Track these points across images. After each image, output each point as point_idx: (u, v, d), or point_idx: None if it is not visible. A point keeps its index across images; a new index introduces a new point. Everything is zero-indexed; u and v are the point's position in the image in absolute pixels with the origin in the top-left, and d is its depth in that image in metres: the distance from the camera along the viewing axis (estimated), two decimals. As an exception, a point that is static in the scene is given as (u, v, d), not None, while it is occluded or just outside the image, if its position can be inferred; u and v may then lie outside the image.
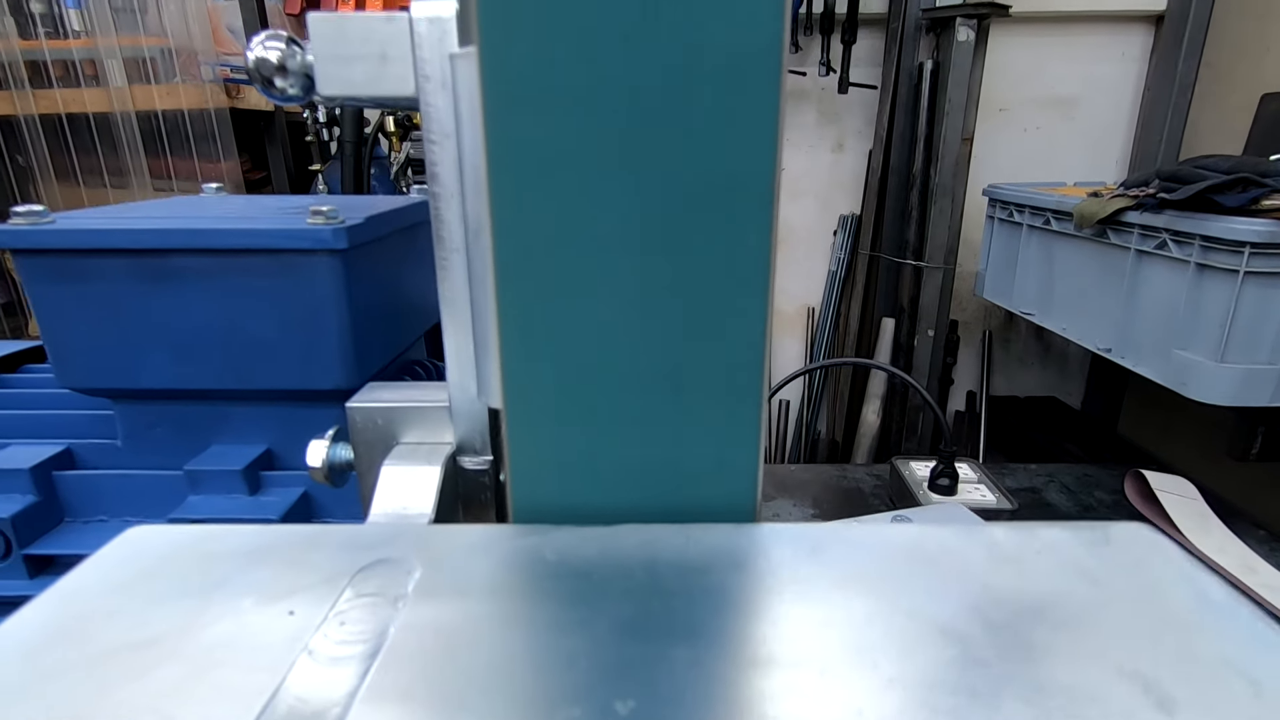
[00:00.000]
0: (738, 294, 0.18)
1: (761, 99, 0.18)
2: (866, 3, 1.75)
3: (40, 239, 0.35)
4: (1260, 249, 0.95)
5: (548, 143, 0.17)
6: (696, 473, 0.19)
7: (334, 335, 0.36)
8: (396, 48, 0.20)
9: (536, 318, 0.18)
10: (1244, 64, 1.63)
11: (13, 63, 1.53)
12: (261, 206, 0.41)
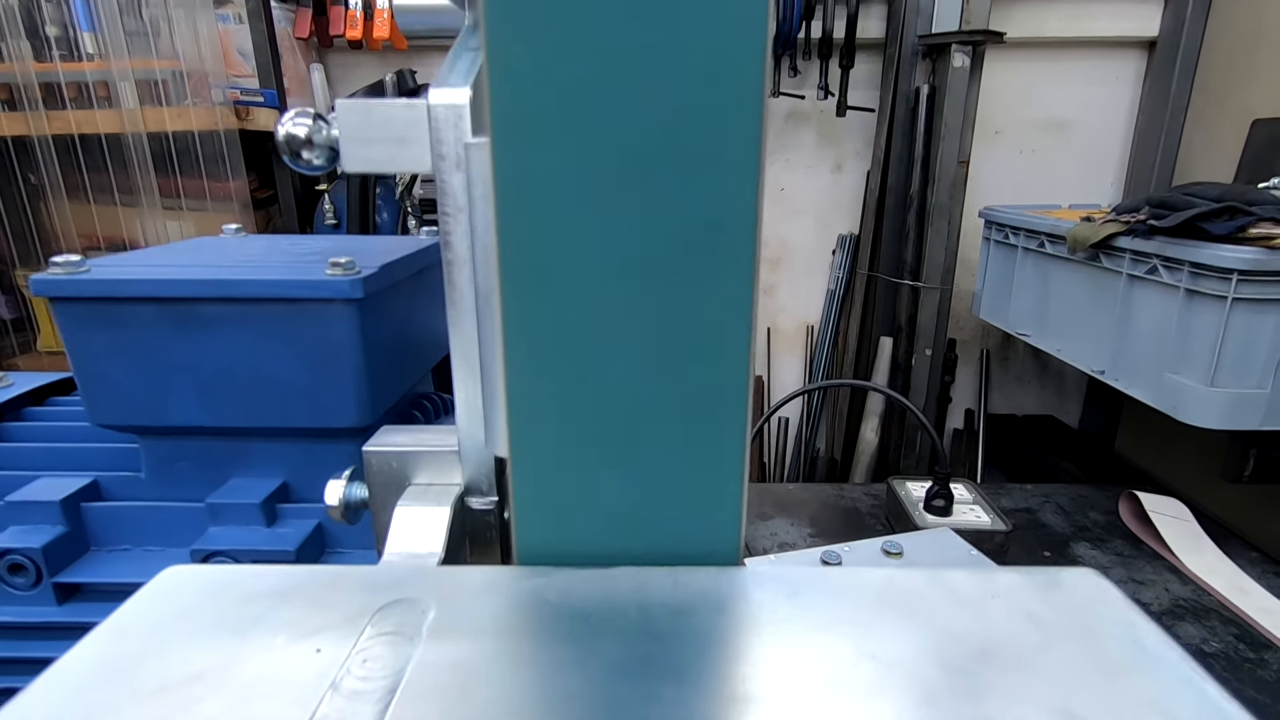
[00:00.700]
0: (723, 360, 0.20)
1: (744, 169, 0.20)
2: (864, 28, 1.78)
3: (76, 288, 0.37)
4: (1247, 276, 0.97)
5: (553, 229, 0.19)
6: (684, 519, 0.20)
7: (349, 378, 0.38)
8: (415, 131, 0.22)
9: (541, 379, 0.19)
10: (1235, 89, 1.66)
11: (28, 84, 1.57)
12: (281, 252, 0.43)
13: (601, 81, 0.18)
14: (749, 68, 0.19)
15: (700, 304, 0.20)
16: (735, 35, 0.18)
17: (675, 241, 0.20)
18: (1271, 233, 0.97)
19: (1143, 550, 1.10)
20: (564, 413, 0.20)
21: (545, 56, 0.18)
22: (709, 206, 0.20)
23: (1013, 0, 1.78)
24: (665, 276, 0.20)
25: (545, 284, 0.19)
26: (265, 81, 1.67)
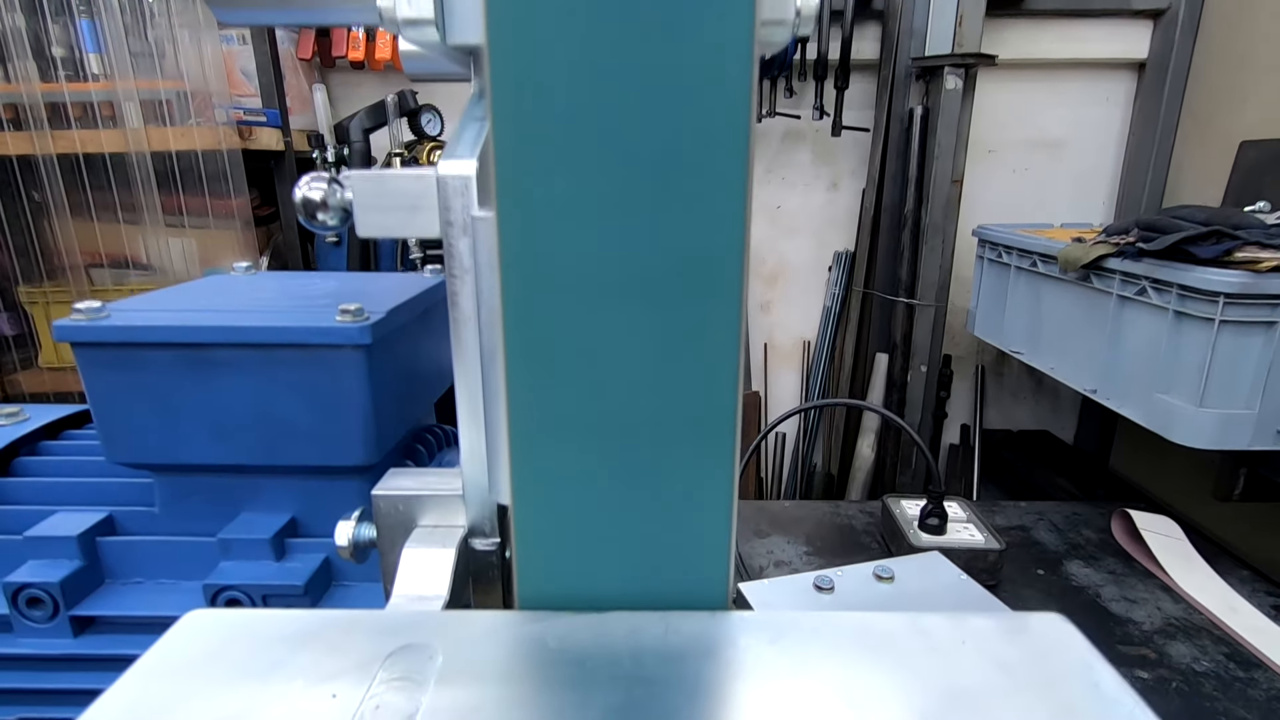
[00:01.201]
0: (710, 426, 0.21)
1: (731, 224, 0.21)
2: (859, 49, 1.81)
3: (97, 334, 0.39)
4: (1234, 299, 0.98)
5: (552, 296, 0.20)
6: (675, 567, 0.22)
7: (357, 419, 0.39)
8: (425, 200, 0.23)
9: (542, 434, 0.21)
10: (1224, 111, 1.69)
11: (33, 104, 1.59)
12: (291, 295, 0.45)
13: (597, 128, 0.20)
14: (736, 113, 0.20)
15: (688, 375, 0.21)
16: (723, 83, 0.20)
17: (668, 298, 0.21)
18: (1257, 256, 0.99)
19: (1135, 568, 1.11)
20: (564, 468, 0.21)
21: (546, 116, 0.20)
22: (702, 273, 0.22)
23: (1005, 22, 1.81)
24: (657, 340, 0.21)
25: (549, 357, 0.21)
26: (268, 101, 1.69)
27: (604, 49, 0.19)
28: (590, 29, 0.19)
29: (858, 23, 1.78)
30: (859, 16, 1.78)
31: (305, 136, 1.80)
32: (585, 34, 0.19)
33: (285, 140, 1.70)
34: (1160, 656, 0.91)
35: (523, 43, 0.19)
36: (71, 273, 1.68)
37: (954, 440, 2.17)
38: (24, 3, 1.59)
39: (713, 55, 0.20)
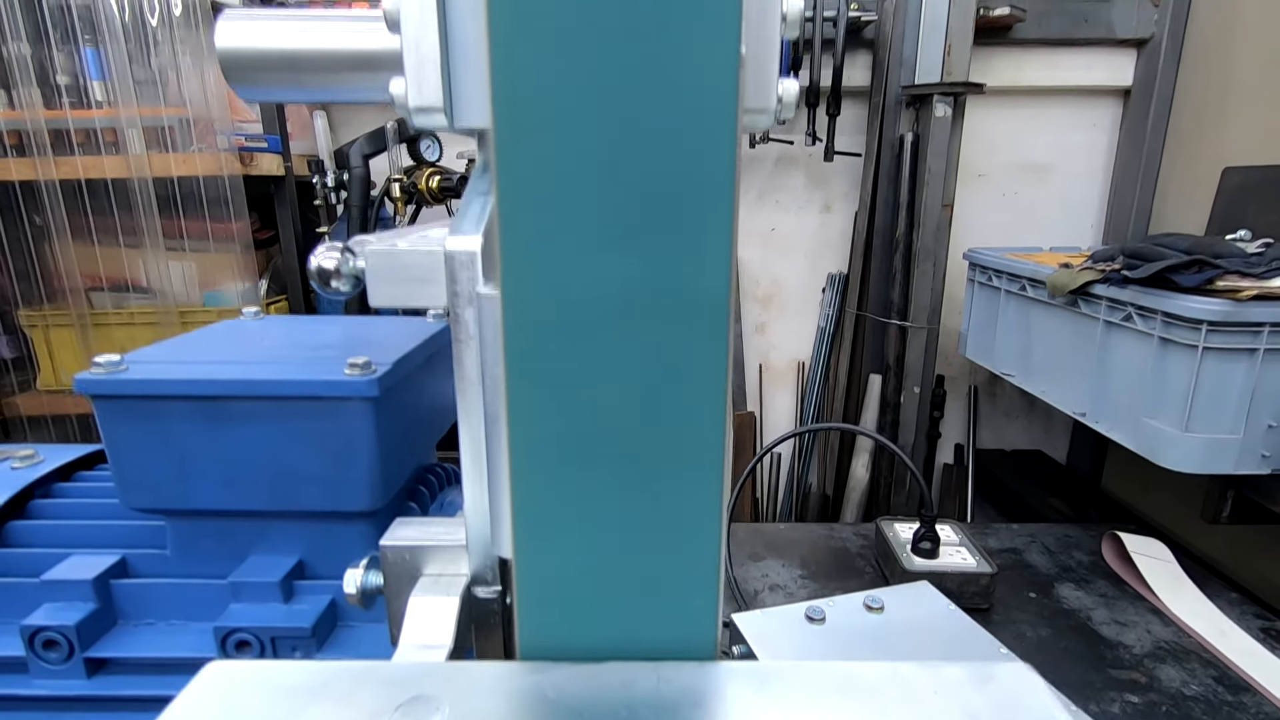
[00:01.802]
0: (698, 486, 0.23)
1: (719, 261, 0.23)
2: (850, 77, 1.85)
3: (116, 387, 0.40)
4: (1216, 326, 1.01)
5: (553, 367, 0.22)
6: (667, 620, 0.23)
7: (364, 466, 0.41)
8: (434, 273, 0.25)
9: (543, 502, 0.22)
10: (1207, 137, 1.72)
11: (37, 131, 1.61)
12: (301, 345, 0.47)
13: (597, 205, 0.22)
14: (721, 193, 0.22)
15: (677, 443, 0.23)
16: (709, 165, 0.22)
17: (660, 338, 0.23)
18: (1238, 285, 1.01)
19: (1126, 591, 1.13)
20: (564, 524, 0.23)
21: (549, 194, 0.22)
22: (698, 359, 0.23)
23: (992, 50, 1.85)
24: (648, 400, 0.23)
25: (551, 423, 0.22)
26: (269, 128, 1.72)
27: (604, 136, 0.21)
28: (591, 116, 0.21)
29: (849, 51, 1.82)
30: (850, 45, 1.82)
31: (305, 161, 1.83)
32: (587, 121, 0.21)
33: (286, 165, 1.72)
34: (1150, 680, 0.92)
35: (527, 129, 0.21)
36: (72, 296, 1.69)
37: (948, 460, 2.19)
38: (30, 31, 1.62)
39: (701, 142, 0.22)
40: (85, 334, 1.70)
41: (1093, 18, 1.82)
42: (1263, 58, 1.56)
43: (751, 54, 0.25)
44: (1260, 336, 1.00)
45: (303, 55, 0.28)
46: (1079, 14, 1.81)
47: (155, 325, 1.70)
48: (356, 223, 1.69)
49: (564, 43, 0.21)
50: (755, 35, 0.24)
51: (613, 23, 0.21)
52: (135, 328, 1.71)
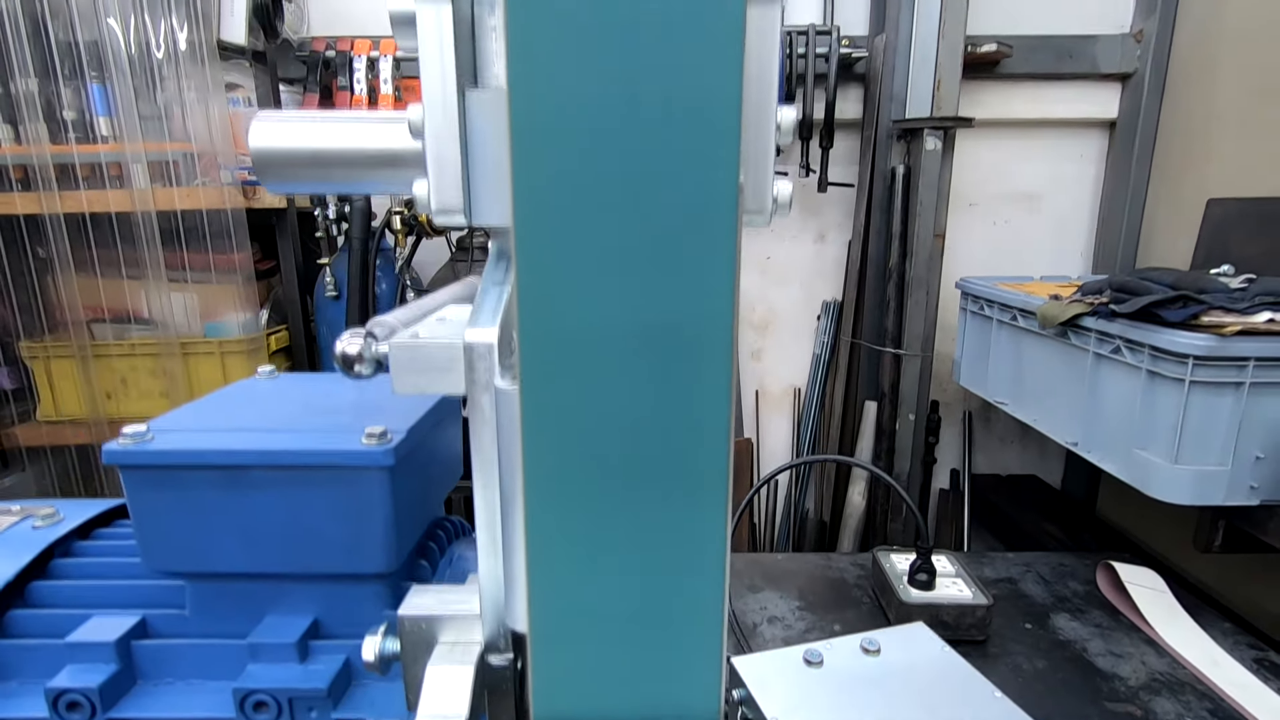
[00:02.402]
0: (701, 578, 0.24)
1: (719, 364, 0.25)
2: (842, 109, 1.89)
3: (143, 458, 0.42)
4: (1202, 361, 1.03)
5: (567, 453, 0.24)
6: (673, 689, 0.25)
7: (379, 530, 0.43)
8: (454, 364, 0.27)
9: (558, 579, 0.24)
10: (1191, 169, 1.76)
11: (43, 165, 1.63)
12: (317, 410, 0.48)
13: (609, 261, 0.23)
14: (721, 317, 0.24)
15: (678, 533, 0.25)
16: (712, 230, 0.24)
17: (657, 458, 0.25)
18: (1222, 321, 1.04)
19: (1120, 621, 1.14)
20: (577, 602, 0.24)
21: (565, 301, 0.23)
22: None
23: (980, 84, 1.89)
24: (653, 488, 0.24)
25: (564, 512, 0.24)
26: (272, 161, 1.74)
27: (617, 236, 0.23)
28: (606, 217, 0.23)
29: (841, 85, 1.86)
30: (841, 79, 1.86)
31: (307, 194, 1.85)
32: (602, 222, 0.23)
33: (287, 198, 1.75)
34: (1146, 713, 0.93)
35: (546, 231, 0.23)
36: (73, 328, 1.71)
37: (944, 485, 2.20)
38: (37, 67, 1.64)
39: (705, 243, 0.23)
40: (86, 365, 1.71)
41: (1077, 53, 1.87)
42: (1242, 94, 1.61)
43: (749, 161, 0.27)
44: (1245, 370, 1.02)
45: (330, 154, 0.30)
46: (1064, 49, 1.86)
47: (156, 356, 1.71)
48: (358, 254, 1.72)
49: (580, 153, 0.23)
50: (752, 144, 0.26)
51: (627, 133, 0.23)
52: (136, 358, 1.72)
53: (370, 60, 1.77)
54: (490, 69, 0.27)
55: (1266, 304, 1.05)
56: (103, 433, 1.75)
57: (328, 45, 1.79)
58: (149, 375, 1.73)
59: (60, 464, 1.81)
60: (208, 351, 1.71)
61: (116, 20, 1.60)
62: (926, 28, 1.68)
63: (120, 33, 1.60)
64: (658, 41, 0.22)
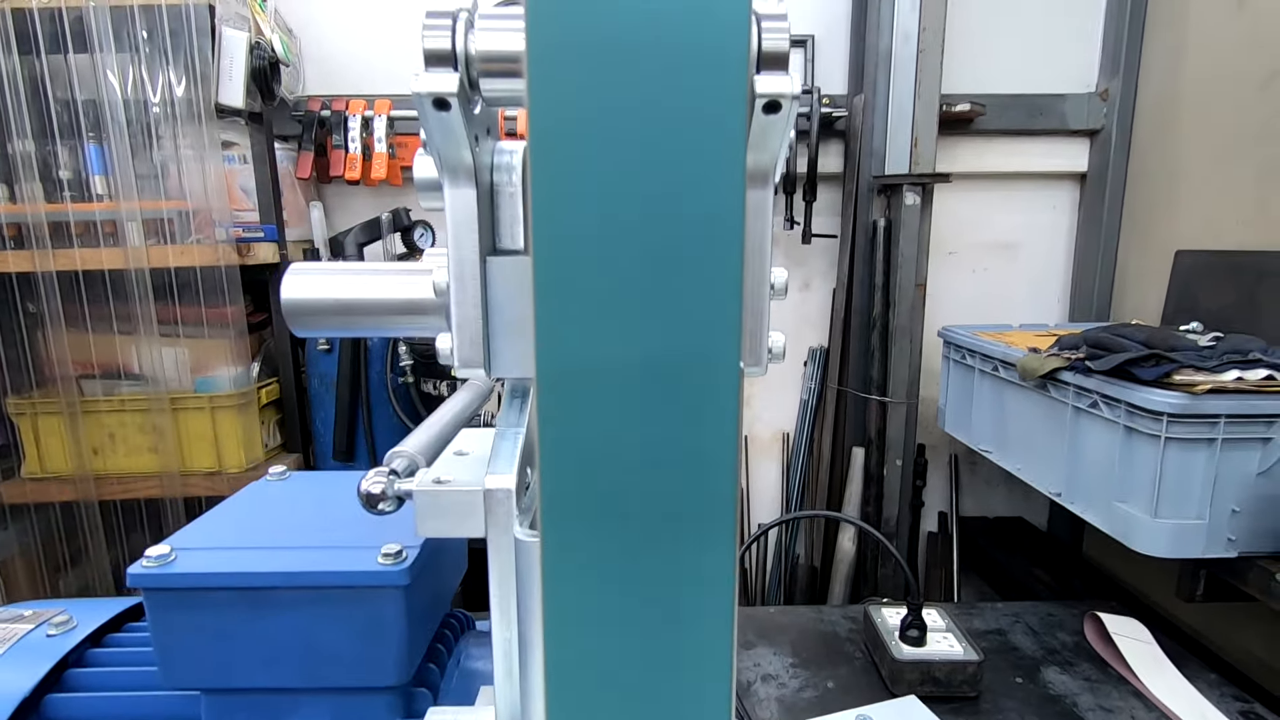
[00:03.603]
0: (706, 683, 0.26)
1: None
2: (824, 163, 1.95)
3: (167, 580, 0.43)
4: (1176, 418, 1.06)
5: (586, 601, 0.25)
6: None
7: (393, 645, 0.44)
8: (474, 510, 0.29)
9: (576, 694, 0.26)
10: (1160, 222, 1.83)
11: (37, 224, 1.64)
12: (332, 521, 0.50)
13: (623, 415, 0.26)
14: (727, 427, 0.26)
15: (683, 645, 0.27)
16: (717, 394, 0.26)
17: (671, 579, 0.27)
18: (1193, 379, 1.08)
19: (1109, 674, 1.15)
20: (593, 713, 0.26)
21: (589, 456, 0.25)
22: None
23: (956, 140, 1.97)
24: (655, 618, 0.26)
25: (578, 649, 0.26)
26: (266, 217, 1.77)
27: (631, 389, 0.25)
28: (619, 374, 0.25)
29: (822, 140, 1.93)
30: (823, 135, 1.93)
31: (300, 248, 1.87)
32: (617, 378, 0.25)
33: (281, 253, 1.77)
34: (1137, 771, 0.94)
35: (566, 387, 0.25)
36: (62, 383, 1.70)
37: (932, 528, 2.22)
38: (35, 127, 1.67)
39: (709, 422, 0.26)
40: (74, 422, 1.70)
41: (1047, 110, 1.95)
42: (1202, 152, 1.68)
43: (748, 319, 0.29)
44: (1217, 427, 1.06)
45: (357, 304, 0.32)
46: (1034, 107, 1.95)
47: (145, 412, 1.70)
48: (350, 309, 1.73)
49: (597, 322, 0.25)
50: (751, 305, 0.29)
51: (642, 303, 0.25)
52: (125, 414, 1.72)
53: (365, 119, 1.82)
54: (509, 230, 0.30)
55: (1234, 362, 1.09)
56: (89, 489, 1.74)
57: (323, 104, 1.84)
58: (138, 431, 1.72)
59: (44, 521, 1.79)
60: (198, 406, 1.71)
61: (115, 74, 1.63)
62: (903, 89, 1.75)
63: (119, 89, 1.63)
64: (668, 162, 0.24)
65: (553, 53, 0.23)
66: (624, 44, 0.23)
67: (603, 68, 0.23)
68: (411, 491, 0.30)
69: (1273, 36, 1.45)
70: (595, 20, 0.23)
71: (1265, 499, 1.07)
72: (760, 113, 0.25)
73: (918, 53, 1.71)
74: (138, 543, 1.82)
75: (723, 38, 0.23)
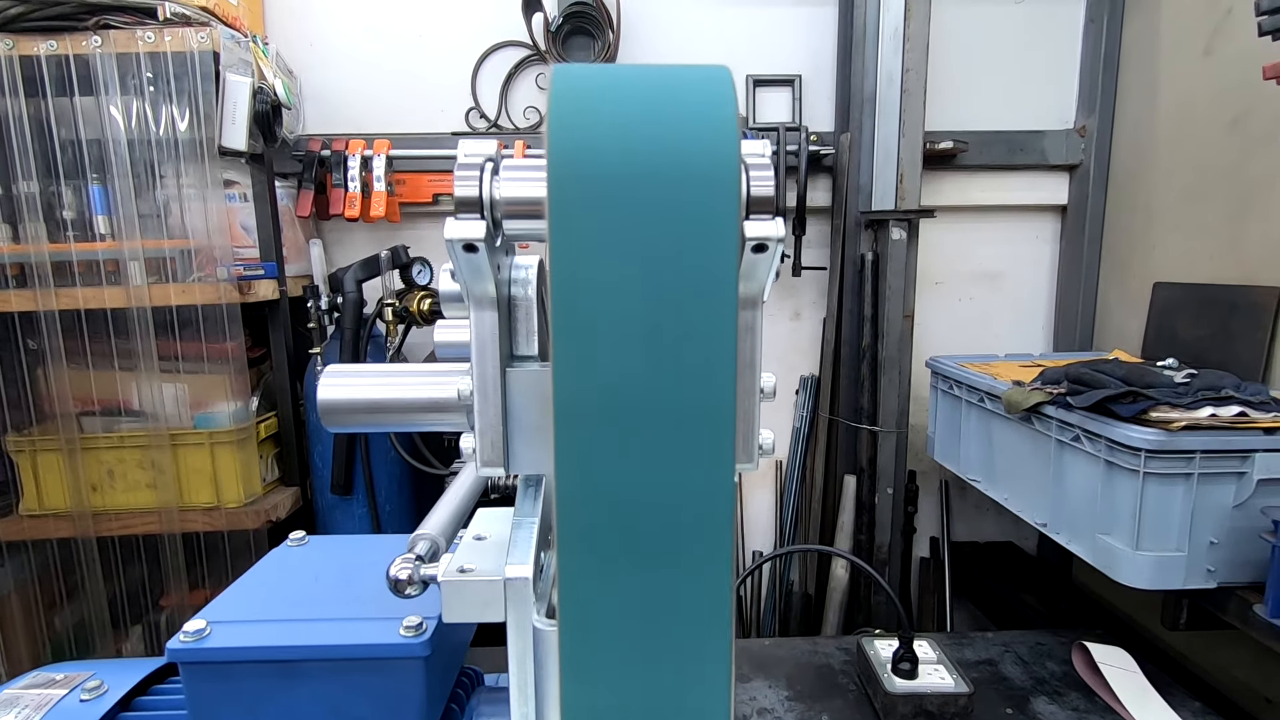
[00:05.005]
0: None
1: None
2: (813, 198, 2.00)
3: (203, 654, 0.46)
4: (1154, 454, 1.10)
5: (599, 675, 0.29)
6: None
7: (413, 711, 0.47)
8: (495, 597, 0.32)
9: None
10: (1138, 254, 1.89)
11: (40, 263, 1.66)
12: (353, 591, 0.53)
13: (628, 512, 0.29)
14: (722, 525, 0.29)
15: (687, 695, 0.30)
16: (713, 497, 0.29)
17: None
18: (1169, 416, 1.12)
19: (1096, 703, 1.18)
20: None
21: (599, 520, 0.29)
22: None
23: (940, 175, 2.02)
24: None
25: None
26: (266, 255, 1.80)
27: (637, 494, 0.29)
28: (626, 485, 0.28)
29: (811, 175, 1.98)
30: (812, 170, 1.98)
31: (299, 284, 1.90)
32: (626, 488, 0.29)
33: (281, 290, 1.80)
34: (1123, 803, 0.96)
35: (582, 496, 0.29)
36: (62, 420, 1.71)
37: (924, 554, 2.25)
38: (40, 168, 1.69)
39: (705, 514, 0.29)
40: (74, 458, 1.71)
41: (1027, 146, 2.01)
42: (1177, 187, 1.74)
43: (742, 421, 0.33)
44: (1193, 462, 1.10)
45: (385, 403, 0.36)
46: (1015, 144, 2.01)
47: (145, 448, 1.72)
48: (349, 345, 1.76)
49: (607, 431, 0.28)
50: (744, 408, 0.32)
51: (647, 420, 0.28)
52: (124, 450, 1.73)
53: (364, 158, 1.86)
54: (526, 340, 0.33)
55: (1208, 399, 1.13)
56: (87, 526, 1.74)
57: (323, 144, 1.88)
58: (136, 467, 1.73)
59: (41, 558, 1.79)
60: (197, 442, 1.73)
61: (120, 115, 1.66)
62: (888, 127, 1.81)
63: (123, 129, 1.66)
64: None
65: (570, 201, 0.26)
66: (630, 197, 0.27)
67: (612, 214, 0.27)
68: (437, 578, 0.33)
69: (1238, 81, 1.52)
70: (606, 170, 0.26)
71: (1241, 531, 1.11)
72: (750, 252, 0.28)
73: (901, 94, 1.77)
74: (135, 578, 1.83)
75: (716, 191, 0.27)
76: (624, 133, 0.25)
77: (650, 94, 0.26)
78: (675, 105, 0.26)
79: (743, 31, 2.03)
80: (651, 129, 0.25)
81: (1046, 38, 2.01)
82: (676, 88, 0.26)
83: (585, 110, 0.26)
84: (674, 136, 0.25)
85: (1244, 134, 1.53)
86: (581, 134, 0.26)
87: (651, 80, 0.26)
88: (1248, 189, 1.52)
